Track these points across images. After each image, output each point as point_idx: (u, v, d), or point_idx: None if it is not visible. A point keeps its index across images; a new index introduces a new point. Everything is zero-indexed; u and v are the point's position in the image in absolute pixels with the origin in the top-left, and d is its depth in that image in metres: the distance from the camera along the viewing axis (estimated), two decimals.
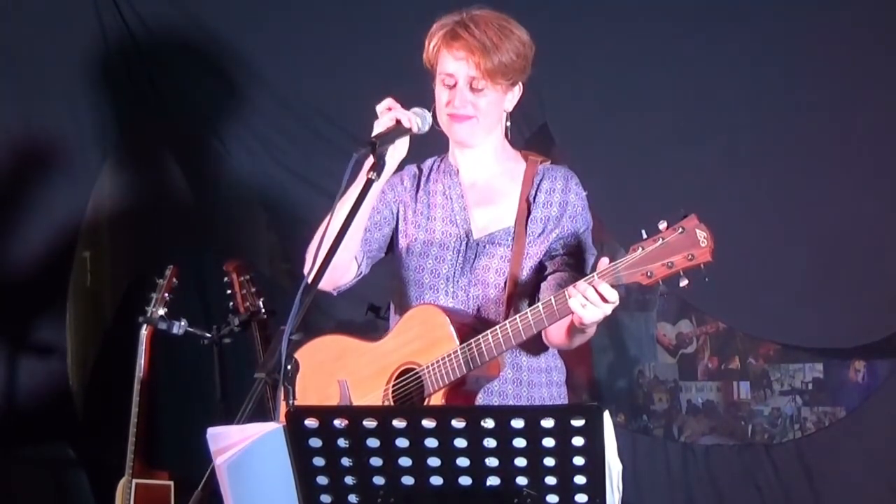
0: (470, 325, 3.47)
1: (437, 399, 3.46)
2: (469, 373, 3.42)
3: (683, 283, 3.17)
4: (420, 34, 3.66)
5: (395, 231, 3.72)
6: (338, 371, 3.64)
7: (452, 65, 3.54)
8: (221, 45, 5.40)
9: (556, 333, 3.46)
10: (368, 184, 3.35)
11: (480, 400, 3.51)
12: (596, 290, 3.23)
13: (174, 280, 4.94)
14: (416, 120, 3.49)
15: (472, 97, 3.55)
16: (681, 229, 3.15)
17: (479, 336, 3.39)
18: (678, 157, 4.96)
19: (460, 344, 3.43)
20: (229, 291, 4.92)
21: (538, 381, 3.61)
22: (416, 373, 3.51)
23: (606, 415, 3.10)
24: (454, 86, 3.55)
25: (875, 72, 4.82)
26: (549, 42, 4.93)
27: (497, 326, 3.38)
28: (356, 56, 5.25)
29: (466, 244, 3.61)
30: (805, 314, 4.89)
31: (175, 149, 5.56)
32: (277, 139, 5.41)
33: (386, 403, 3.53)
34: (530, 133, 5.05)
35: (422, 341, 3.50)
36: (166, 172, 5.56)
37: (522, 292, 3.55)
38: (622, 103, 5.03)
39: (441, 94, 3.58)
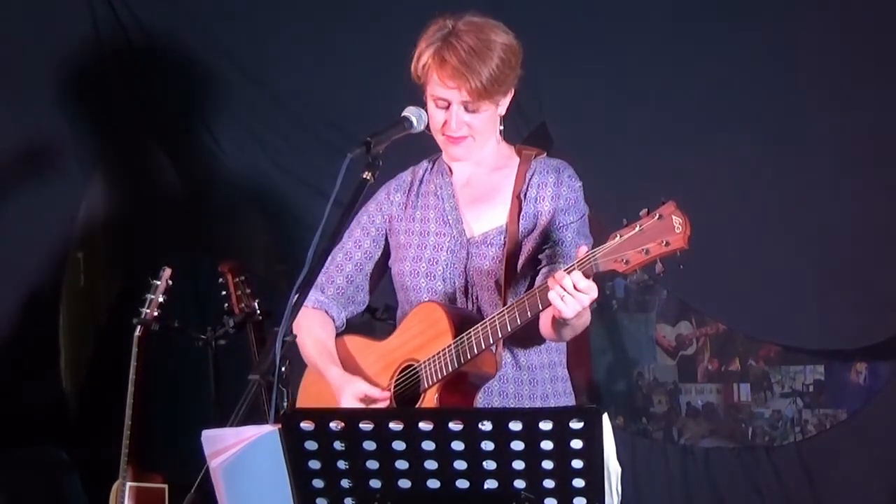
0: (468, 321, 3.46)
1: (431, 394, 3.46)
2: (462, 368, 3.42)
3: (658, 268, 3.15)
4: (418, 33, 3.63)
5: (385, 249, 3.74)
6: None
7: (444, 91, 3.51)
8: (216, 44, 5.39)
9: (545, 326, 3.45)
10: (363, 184, 3.36)
11: (480, 399, 3.51)
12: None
13: (169, 281, 4.92)
14: None
15: (468, 118, 3.54)
16: (658, 216, 3.14)
17: (470, 330, 3.40)
18: (678, 157, 4.95)
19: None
20: (224, 292, 4.91)
21: (541, 378, 3.60)
22: (415, 368, 3.52)
23: (605, 417, 3.09)
24: (447, 107, 3.53)
25: (876, 71, 4.82)
26: (548, 41, 4.95)
27: (486, 320, 3.39)
28: (352, 55, 5.23)
29: (459, 244, 3.60)
30: (806, 315, 4.89)
31: (169, 149, 5.54)
32: (273, 139, 5.39)
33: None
34: (528, 132, 5.03)
35: (422, 337, 3.52)
36: (161, 172, 5.54)
37: (518, 289, 3.54)
38: (621, 103, 5.02)
39: (435, 115, 3.55)
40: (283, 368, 3.07)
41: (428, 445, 2.82)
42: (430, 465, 2.84)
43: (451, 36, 3.49)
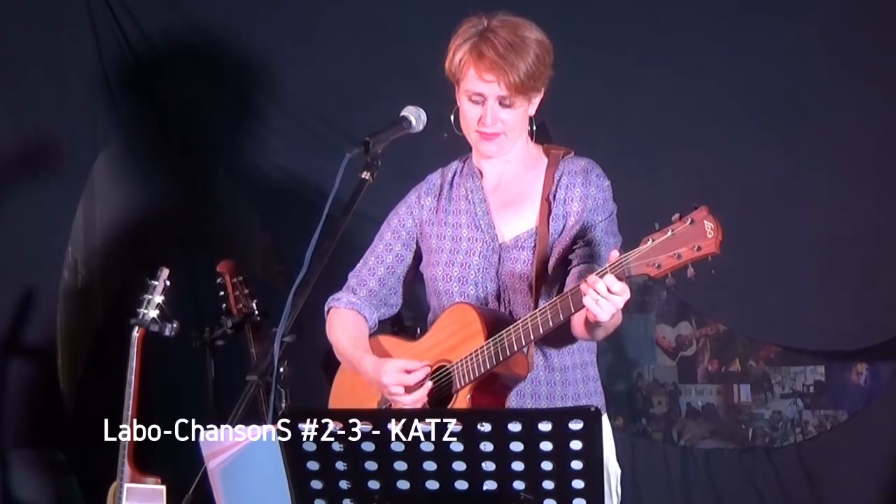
0: (501, 322, 3.49)
1: (463, 395, 3.49)
2: (494, 369, 3.44)
3: (690, 272, 3.17)
4: (416, 32, 3.65)
5: (417, 253, 3.77)
6: None
7: (481, 85, 3.54)
8: (214, 44, 5.38)
9: (577, 326, 3.47)
10: (362, 184, 3.39)
11: (512, 401, 3.54)
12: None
13: (166, 281, 4.90)
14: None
15: (503, 114, 3.57)
16: (690, 221, 3.17)
17: (503, 331, 3.42)
18: (678, 157, 4.95)
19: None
20: (222, 293, 4.89)
21: (573, 379, 3.63)
22: (447, 369, 3.54)
23: (605, 418, 3.08)
24: (483, 102, 3.56)
25: (876, 71, 4.81)
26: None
27: (519, 321, 3.41)
28: (352, 55, 5.22)
29: (491, 248, 3.62)
30: (807, 316, 4.88)
31: (167, 149, 5.52)
32: (271, 139, 5.38)
33: None
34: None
35: (455, 338, 3.54)
36: (158, 172, 5.53)
37: (550, 291, 3.57)
38: (622, 103, 5.02)
39: (469, 111, 3.59)
40: (281, 369, 3.07)
41: (427, 447, 2.81)
42: (429, 466, 2.83)
43: (487, 31, 3.54)
